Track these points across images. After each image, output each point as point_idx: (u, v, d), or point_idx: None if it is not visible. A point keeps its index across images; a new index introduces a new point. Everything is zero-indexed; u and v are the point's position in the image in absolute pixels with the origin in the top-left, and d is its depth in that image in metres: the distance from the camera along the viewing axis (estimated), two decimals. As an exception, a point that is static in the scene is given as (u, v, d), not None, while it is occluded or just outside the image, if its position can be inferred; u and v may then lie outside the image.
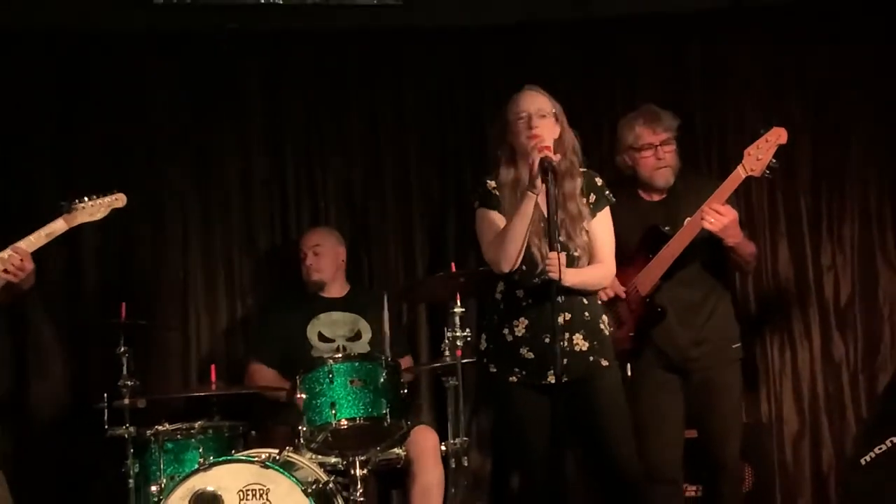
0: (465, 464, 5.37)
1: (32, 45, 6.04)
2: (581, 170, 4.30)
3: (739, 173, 4.94)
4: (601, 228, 4.31)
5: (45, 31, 6.04)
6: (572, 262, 4.20)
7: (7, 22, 5.90)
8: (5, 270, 4.57)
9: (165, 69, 6.27)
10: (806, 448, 6.23)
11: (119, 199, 4.92)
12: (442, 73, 6.47)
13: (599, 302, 4.43)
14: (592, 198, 4.30)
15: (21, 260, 4.57)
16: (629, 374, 4.92)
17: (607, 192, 4.36)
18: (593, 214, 4.29)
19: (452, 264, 5.63)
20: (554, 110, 4.24)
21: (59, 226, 4.76)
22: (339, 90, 6.42)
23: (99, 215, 4.86)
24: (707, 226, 4.90)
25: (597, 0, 6.13)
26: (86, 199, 4.83)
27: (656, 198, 5.19)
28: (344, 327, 5.80)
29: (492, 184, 4.30)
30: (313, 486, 4.78)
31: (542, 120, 4.18)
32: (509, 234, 4.13)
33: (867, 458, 5.60)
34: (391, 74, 6.46)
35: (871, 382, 6.18)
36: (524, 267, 4.18)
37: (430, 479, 5.42)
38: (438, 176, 6.45)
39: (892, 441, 5.55)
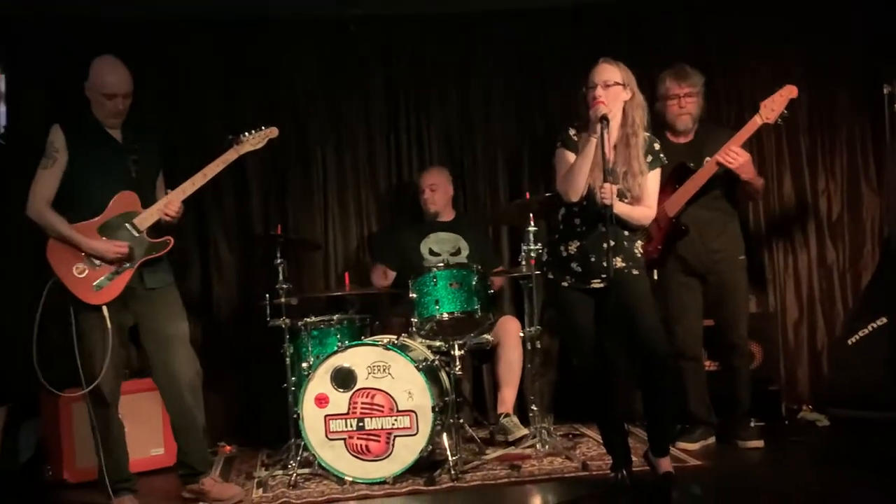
0: (538, 346, 5.40)
1: (199, 30, 6.07)
2: (645, 134, 4.26)
3: (756, 121, 4.91)
4: (651, 182, 4.27)
5: (204, 18, 6.02)
6: None
7: (178, 13, 5.91)
8: (167, 215, 4.55)
9: (304, 47, 6.25)
10: (804, 332, 6.24)
11: (273, 132, 4.78)
12: (516, 46, 6.38)
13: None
14: (649, 158, 4.25)
15: (177, 210, 4.58)
16: (655, 278, 4.97)
17: (661, 156, 4.30)
18: (648, 171, 4.26)
19: (527, 193, 5.62)
20: (621, 79, 4.16)
21: (230, 155, 4.67)
22: (442, 61, 6.38)
23: (260, 145, 4.74)
24: (728, 164, 4.91)
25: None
26: (247, 133, 4.71)
27: (682, 140, 5.18)
28: (448, 244, 5.86)
29: (573, 131, 4.25)
30: (423, 363, 4.89)
31: (607, 89, 4.12)
32: (575, 169, 4.13)
33: (853, 339, 5.66)
34: (477, 48, 6.38)
35: (856, 280, 6.18)
36: (585, 202, 4.18)
37: (512, 357, 5.54)
38: (515, 126, 6.40)
39: (872, 326, 5.59)
